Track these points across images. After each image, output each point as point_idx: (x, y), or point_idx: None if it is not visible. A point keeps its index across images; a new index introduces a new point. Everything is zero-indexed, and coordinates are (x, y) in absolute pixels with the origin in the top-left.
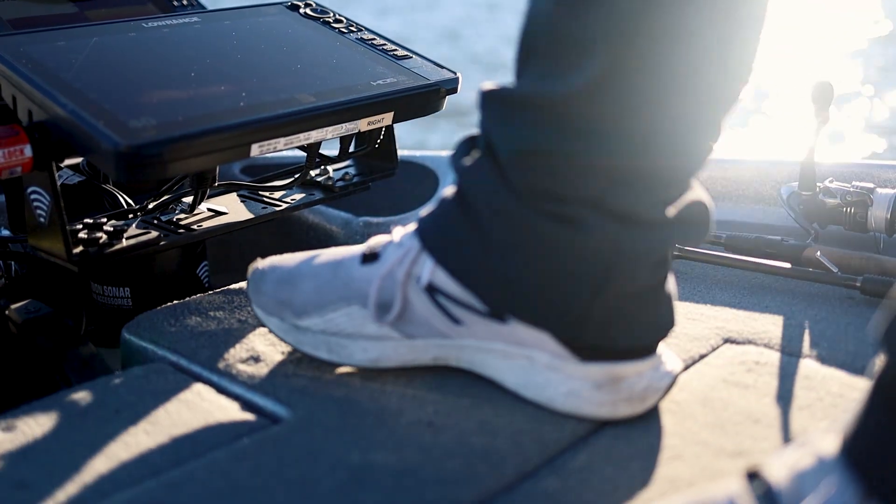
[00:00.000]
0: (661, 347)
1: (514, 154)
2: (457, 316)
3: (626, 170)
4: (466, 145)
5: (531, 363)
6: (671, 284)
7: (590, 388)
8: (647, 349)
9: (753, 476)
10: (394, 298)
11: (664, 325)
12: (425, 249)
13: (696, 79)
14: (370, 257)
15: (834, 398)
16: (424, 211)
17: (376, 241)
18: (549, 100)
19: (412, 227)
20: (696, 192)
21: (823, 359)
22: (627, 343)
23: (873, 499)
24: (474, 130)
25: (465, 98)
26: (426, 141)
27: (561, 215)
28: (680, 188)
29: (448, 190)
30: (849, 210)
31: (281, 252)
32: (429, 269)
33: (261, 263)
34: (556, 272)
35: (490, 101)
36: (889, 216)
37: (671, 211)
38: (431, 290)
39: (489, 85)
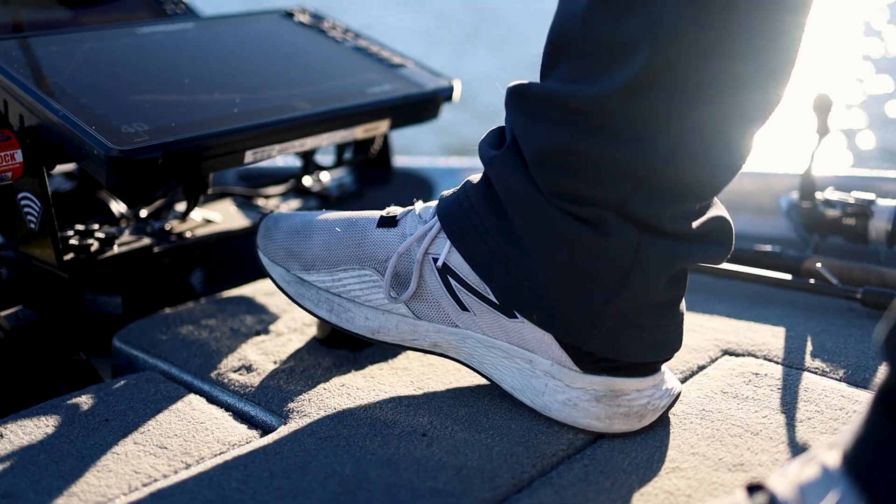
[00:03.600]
0: (664, 367)
1: (540, 152)
2: (466, 303)
3: (651, 177)
4: (495, 135)
5: (531, 367)
6: (683, 306)
7: (588, 399)
8: (650, 367)
9: (755, 489)
10: (410, 275)
11: (671, 344)
12: (444, 230)
13: (732, 92)
14: (387, 221)
15: (834, 410)
16: (448, 192)
17: (395, 209)
18: (581, 100)
19: (433, 203)
20: (719, 208)
21: (823, 371)
22: (632, 356)
23: None
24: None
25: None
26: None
27: (583, 216)
28: (704, 202)
29: (475, 176)
30: (849, 221)
31: None
32: (446, 250)
33: (277, 211)
34: (572, 273)
35: (518, 98)
36: (890, 227)
37: (693, 226)
38: (445, 272)
39: (517, 82)
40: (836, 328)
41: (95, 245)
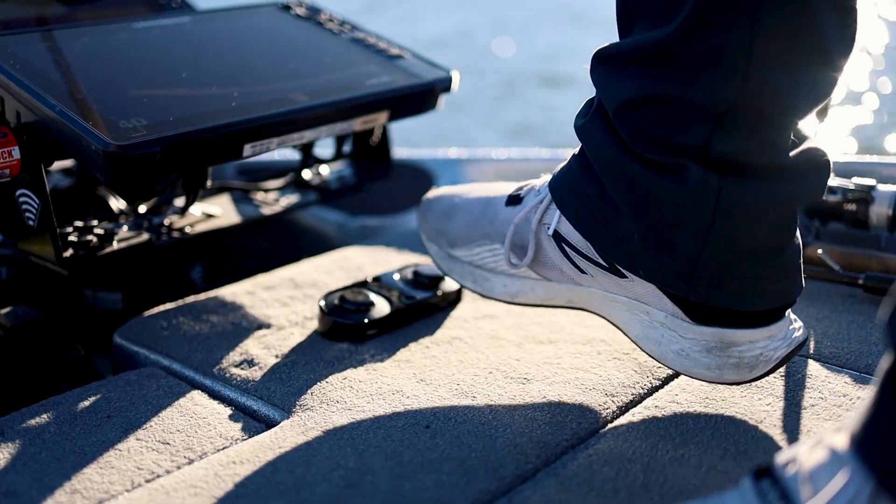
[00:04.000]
0: (789, 315)
1: (620, 104)
2: (582, 267)
3: (728, 112)
4: (585, 107)
5: (649, 318)
6: (797, 248)
7: (699, 350)
8: (765, 316)
9: (762, 474)
10: (527, 242)
11: (786, 291)
12: (553, 199)
13: (791, 20)
14: (514, 199)
15: (837, 397)
16: (559, 165)
17: (524, 184)
18: (647, 47)
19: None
20: (813, 141)
21: (826, 357)
22: (741, 305)
23: (885, 491)
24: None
25: None
26: None
27: (663, 165)
28: (790, 132)
29: (578, 147)
30: (850, 207)
31: (274, 254)
32: (556, 219)
33: (431, 193)
34: (659, 226)
35: (599, 61)
36: (891, 213)
37: (785, 156)
38: (559, 240)
39: (599, 48)
40: (837, 314)
41: (95, 241)
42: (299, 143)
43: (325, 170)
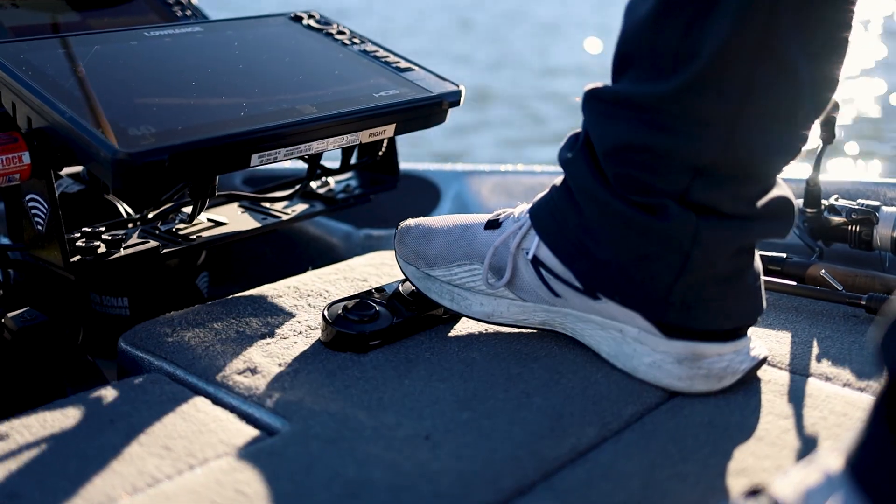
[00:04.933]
0: (750, 333)
1: (609, 147)
2: (556, 290)
3: (709, 166)
4: (571, 140)
5: (622, 335)
6: (756, 274)
7: (671, 361)
8: (731, 333)
9: (757, 493)
10: (505, 264)
11: (748, 311)
12: (533, 226)
13: (782, 90)
14: (493, 224)
15: (838, 416)
16: (540, 194)
17: (501, 211)
18: (644, 99)
19: (530, 204)
20: (781, 188)
21: (827, 377)
22: (709, 325)
23: None
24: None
25: None
26: None
27: (644, 204)
28: (763, 185)
29: (559, 178)
30: (854, 228)
31: (280, 264)
32: (535, 244)
33: (408, 221)
34: (639, 256)
35: (591, 99)
36: (895, 234)
37: (754, 205)
38: (536, 263)
39: (591, 85)
40: (840, 334)
41: (102, 247)
42: (307, 154)
43: (331, 180)
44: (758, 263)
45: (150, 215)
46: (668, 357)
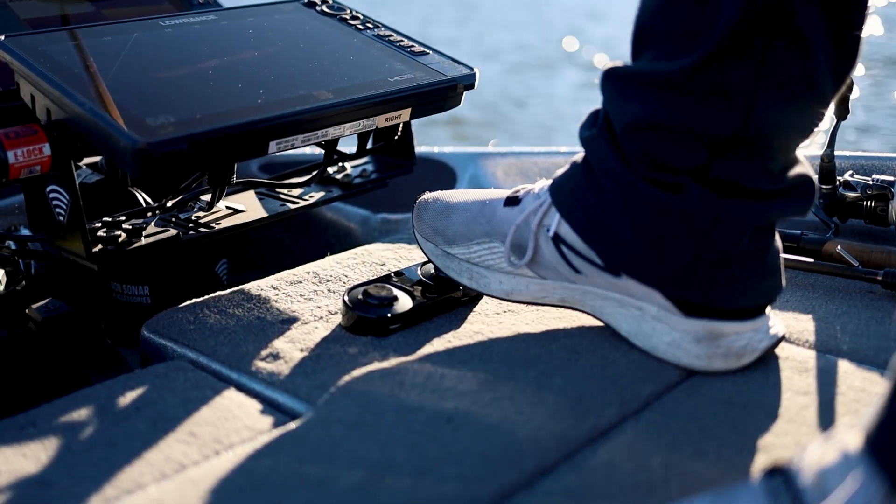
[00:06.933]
0: (769, 312)
1: (628, 124)
2: (577, 266)
3: (728, 143)
4: (591, 118)
5: (641, 313)
6: (776, 252)
7: (690, 340)
8: (750, 311)
9: (775, 472)
10: (527, 243)
11: (768, 290)
12: (554, 204)
13: (798, 64)
14: (512, 201)
15: (856, 392)
16: (560, 170)
17: (521, 187)
18: (662, 76)
19: (549, 181)
20: (803, 165)
21: (845, 353)
22: (729, 304)
23: None
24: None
25: None
26: None
27: (664, 183)
28: (783, 160)
29: (579, 155)
30: (869, 203)
31: (298, 249)
32: (556, 222)
33: (427, 195)
34: (660, 235)
35: (610, 78)
36: None
37: (775, 182)
38: (557, 241)
39: (610, 64)
40: (856, 310)
41: (123, 236)
42: (323, 140)
43: (348, 165)
44: (778, 242)
45: (169, 204)
46: (686, 336)
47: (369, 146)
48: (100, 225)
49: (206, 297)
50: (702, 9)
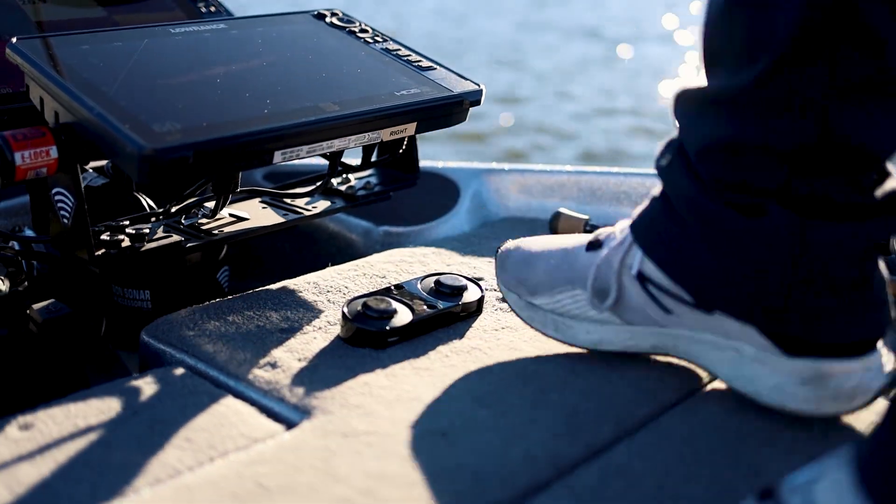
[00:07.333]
0: (880, 347)
1: (702, 149)
2: (667, 305)
3: (806, 156)
4: (666, 147)
5: (739, 355)
6: (881, 281)
7: (795, 383)
8: (858, 347)
9: (767, 495)
10: (610, 285)
11: (875, 323)
12: (636, 241)
13: (869, 66)
14: (594, 245)
15: (850, 419)
16: (639, 207)
17: (602, 230)
18: (729, 93)
19: (629, 220)
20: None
21: None
22: (833, 338)
23: None
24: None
25: None
26: None
27: (743, 206)
28: (873, 171)
29: (657, 188)
30: None
31: (299, 259)
32: (639, 260)
33: (509, 244)
34: (746, 263)
35: (680, 101)
36: None
37: (869, 196)
38: (642, 280)
39: (683, 86)
40: None
41: (126, 241)
42: (328, 152)
43: (352, 177)
44: (883, 269)
45: (173, 210)
46: (790, 378)
47: (374, 159)
48: (103, 229)
49: (207, 303)
50: (761, 15)
